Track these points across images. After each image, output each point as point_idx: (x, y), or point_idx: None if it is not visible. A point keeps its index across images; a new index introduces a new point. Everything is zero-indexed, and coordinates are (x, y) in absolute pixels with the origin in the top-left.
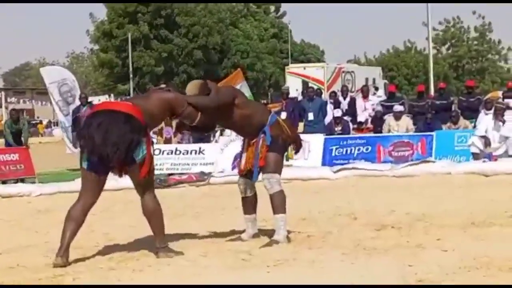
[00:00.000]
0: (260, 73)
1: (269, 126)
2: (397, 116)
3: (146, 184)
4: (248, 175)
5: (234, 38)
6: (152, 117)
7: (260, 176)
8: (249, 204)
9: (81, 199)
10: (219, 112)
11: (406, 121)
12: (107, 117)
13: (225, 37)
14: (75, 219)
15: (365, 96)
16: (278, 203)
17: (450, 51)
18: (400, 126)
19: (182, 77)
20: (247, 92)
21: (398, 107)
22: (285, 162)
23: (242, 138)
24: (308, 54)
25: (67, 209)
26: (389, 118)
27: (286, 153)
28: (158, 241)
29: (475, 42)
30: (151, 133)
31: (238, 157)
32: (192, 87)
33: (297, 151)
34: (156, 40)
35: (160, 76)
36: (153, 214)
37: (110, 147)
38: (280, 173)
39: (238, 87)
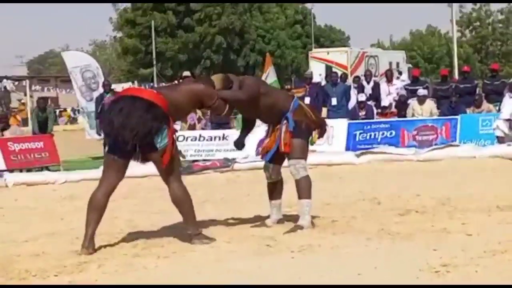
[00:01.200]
0: (282, 59)
1: (292, 111)
2: (421, 100)
3: (171, 171)
4: (275, 159)
5: (255, 23)
6: (178, 108)
7: (286, 162)
8: (275, 190)
9: (102, 184)
10: (245, 103)
11: (430, 105)
12: (130, 103)
13: (244, 21)
14: (97, 207)
15: (389, 80)
16: (304, 188)
17: (474, 34)
18: (424, 110)
19: (205, 64)
20: (274, 77)
21: (422, 91)
22: (309, 147)
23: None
24: (333, 39)
25: None
26: (413, 103)
27: (310, 138)
28: (191, 229)
29: (500, 25)
30: None
31: (261, 143)
32: (215, 81)
33: (321, 136)
34: (180, 29)
35: (183, 63)
36: (182, 202)
37: (129, 132)
38: (305, 159)
39: (267, 72)
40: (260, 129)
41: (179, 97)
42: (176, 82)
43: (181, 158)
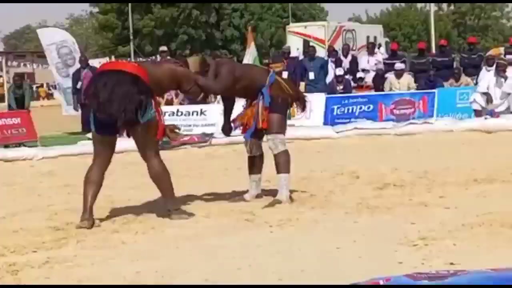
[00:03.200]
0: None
1: (268, 86)
2: (398, 74)
3: (151, 146)
4: (254, 134)
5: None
6: (158, 85)
7: (265, 137)
8: (255, 164)
9: (95, 161)
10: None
11: (408, 79)
12: (114, 77)
13: None
14: (95, 181)
15: (371, 53)
16: (282, 162)
17: (452, 8)
18: (401, 84)
19: (183, 39)
20: (255, 54)
21: (399, 65)
22: (287, 122)
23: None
24: (310, 13)
25: (70, 172)
26: (390, 77)
27: (288, 112)
28: (170, 204)
29: None
30: None
31: (238, 117)
32: (191, 64)
33: (303, 109)
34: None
35: (160, 37)
36: (161, 177)
37: (116, 107)
38: (284, 133)
39: (250, 47)
40: (237, 105)
41: (160, 75)
42: (153, 58)
43: (177, 131)
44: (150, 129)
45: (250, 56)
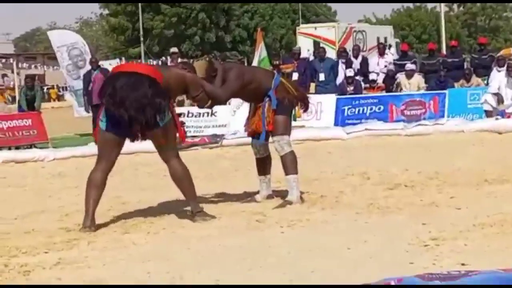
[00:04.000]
0: (268, 33)
1: (274, 89)
2: (409, 75)
3: (171, 148)
4: (256, 137)
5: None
6: (168, 89)
7: (271, 139)
8: (263, 165)
9: (100, 162)
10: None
11: (418, 79)
12: (132, 79)
13: None
14: (96, 185)
15: (381, 54)
16: (289, 164)
17: (463, 9)
18: (412, 84)
19: (194, 41)
20: (264, 54)
21: (409, 66)
22: (297, 123)
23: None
24: (320, 15)
25: (81, 173)
26: (401, 77)
27: (293, 113)
28: (192, 206)
29: None
30: None
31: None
32: (198, 69)
33: (305, 110)
34: (163, 3)
35: (170, 39)
36: (182, 178)
37: (134, 110)
38: (289, 134)
39: (259, 49)
40: (247, 106)
41: (171, 79)
42: (163, 59)
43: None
44: (169, 131)
45: (258, 57)
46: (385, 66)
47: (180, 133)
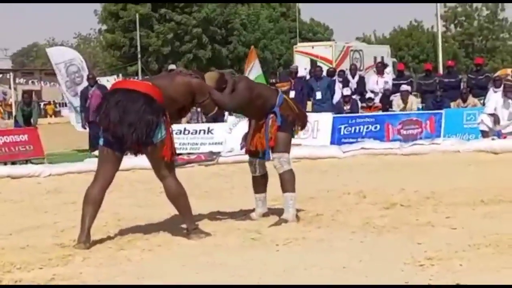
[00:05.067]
0: (267, 52)
1: (279, 106)
2: (404, 96)
3: (167, 166)
4: (257, 154)
5: (238, 16)
6: (172, 101)
7: (271, 156)
8: (260, 183)
9: (98, 178)
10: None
11: (412, 101)
12: (126, 96)
13: (227, 13)
14: (93, 201)
15: (380, 73)
16: (288, 181)
17: (460, 29)
18: (407, 108)
19: (189, 57)
20: (258, 71)
21: (404, 87)
22: (294, 141)
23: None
24: (317, 33)
25: (77, 189)
26: (395, 99)
27: (293, 131)
28: (188, 223)
29: (486, 20)
30: None
31: (245, 136)
32: (209, 80)
33: (302, 128)
34: (158, 21)
35: (166, 56)
36: (178, 197)
37: (127, 127)
38: (289, 152)
39: (251, 66)
40: (244, 123)
41: (175, 90)
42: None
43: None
44: (163, 149)
45: (252, 74)
46: (385, 83)
47: (165, 152)
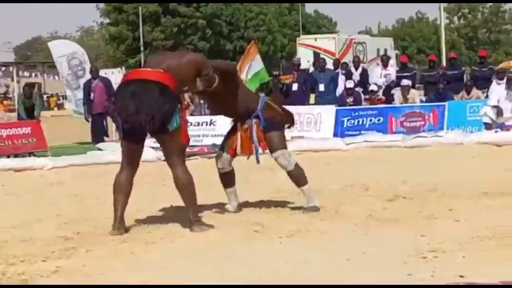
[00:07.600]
0: (271, 46)
1: (261, 110)
2: (405, 90)
3: (179, 155)
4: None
5: (245, 12)
6: (183, 81)
7: (273, 155)
8: (229, 178)
9: (123, 168)
10: (225, 82)
11: (413, 95)
12: (141, 87)
13: (234, 10)
14: (123, 190)
15: (385, 65)
16: (300, 176)
17: (463, 21)
18: (408, 102)
19: (191, 49)
20: (261, 66)
21: (405, 81)
22: (297, 134)
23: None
24: (321, 27)
25: (80, 182)
26: (396, 93)
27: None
28: (192, 215)
29: (489, 13)
30: None
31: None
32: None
33: (290, 126)
34: (163, 15)
35: (169, 49)
36: (187, 187)
37: (144, 117)
38: (287, 148)
39: (250, 61)
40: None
41: (183, 69)
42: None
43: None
44: (178, 137)
45: (253, 68)
46: (386, 79)
47: (183, 137)
